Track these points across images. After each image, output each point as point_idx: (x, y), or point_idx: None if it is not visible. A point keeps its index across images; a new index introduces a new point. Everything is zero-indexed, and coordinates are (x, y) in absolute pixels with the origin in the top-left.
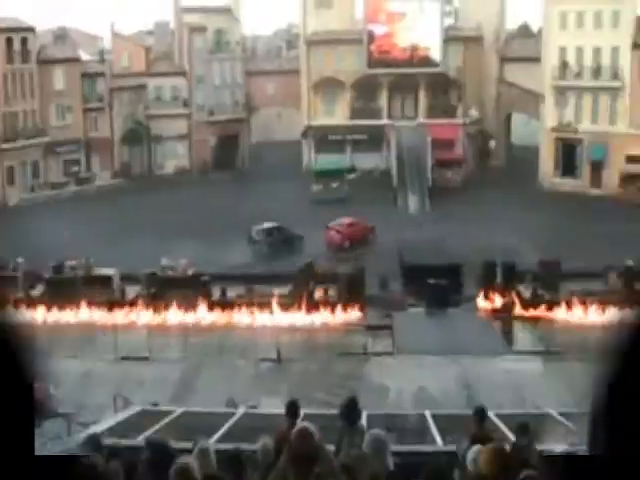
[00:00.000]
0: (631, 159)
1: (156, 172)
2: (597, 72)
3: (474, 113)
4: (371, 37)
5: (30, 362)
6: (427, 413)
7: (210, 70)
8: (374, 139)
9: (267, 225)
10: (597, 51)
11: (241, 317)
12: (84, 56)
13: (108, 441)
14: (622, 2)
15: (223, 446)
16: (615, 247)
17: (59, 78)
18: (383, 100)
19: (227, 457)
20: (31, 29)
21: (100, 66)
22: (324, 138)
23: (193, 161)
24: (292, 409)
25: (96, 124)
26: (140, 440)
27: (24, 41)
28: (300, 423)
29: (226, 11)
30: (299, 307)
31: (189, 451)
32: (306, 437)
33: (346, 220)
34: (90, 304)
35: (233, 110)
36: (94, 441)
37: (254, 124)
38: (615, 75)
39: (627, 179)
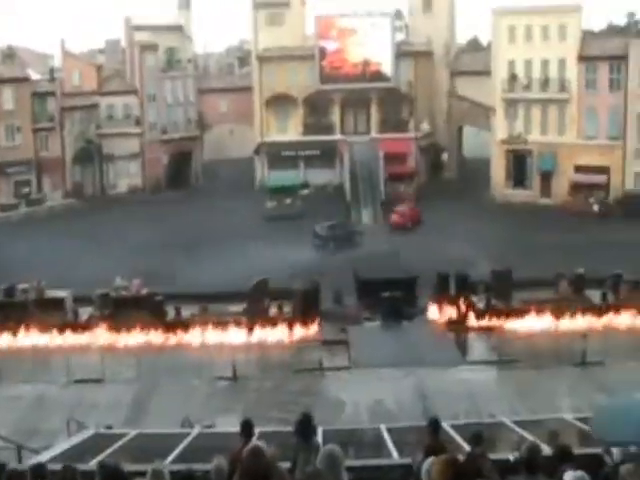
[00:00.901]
0: (579, 168)
1: (109, 191)
2: (545, 84)
3: (426, 127)
4: (323, 53)
5: None
6: (382, 427)
7: (162, 88)
8: (327, 155)
9: (330, 222)
10: (545, 64)
11: (196, 336)
12: (34, 75)
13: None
14: (568, 16)
15: (177, 467)
16: (561, 256)
17: (8, 98)
18: (335, 115)
19: (179, 478)
20: None
21: (50, 85)
22: (277, 154)
23: (146, 180)
24: (246, 428)
25: (47, 144)
26: (93, 464)
27: None
28: (252, 442)
29: (177, 29)
30: (254, 324)
31: (143, 474)
32: (257, 455)
33: (406, 206)
34: (43, 327)
35: (186, 128)
36: (40, 470)
37: (207, 141)
38: (563, 87)
39: (575, 188)
